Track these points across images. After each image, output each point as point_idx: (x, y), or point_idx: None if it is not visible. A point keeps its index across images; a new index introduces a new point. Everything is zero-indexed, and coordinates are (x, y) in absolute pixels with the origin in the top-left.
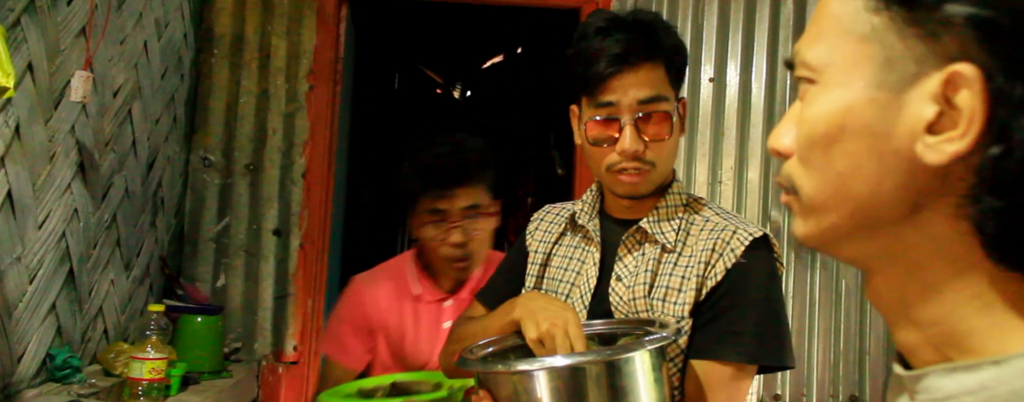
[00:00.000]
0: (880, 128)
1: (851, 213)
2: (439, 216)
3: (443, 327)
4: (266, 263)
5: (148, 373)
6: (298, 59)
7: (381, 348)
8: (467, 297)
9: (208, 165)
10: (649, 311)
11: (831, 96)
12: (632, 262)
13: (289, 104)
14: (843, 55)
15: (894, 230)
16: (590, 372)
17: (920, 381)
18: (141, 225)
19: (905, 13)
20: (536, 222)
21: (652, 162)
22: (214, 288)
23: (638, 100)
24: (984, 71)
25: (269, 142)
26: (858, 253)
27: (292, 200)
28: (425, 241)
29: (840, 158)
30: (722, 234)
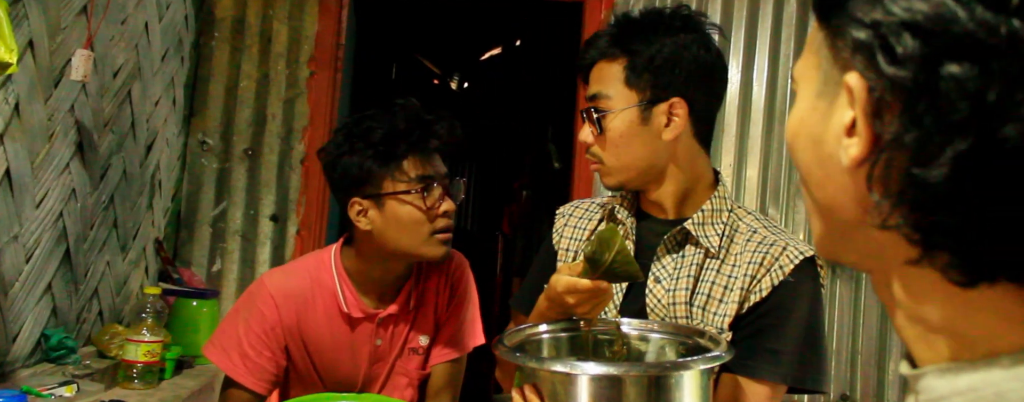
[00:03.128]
0: (818, 135)
1: (820, 218)
2: (429, 182)
3: (376, 344)
4: (262, 249)
5: (143, 356)
6: (299, 44)
7: (301, 366)
8: (401, 311)
9: (206, 149)
10: (688, 318)
11: (796, 107)
12: (671, 264)
13: (289, 89)
14: (805, 68)
15: (859, 235)
16: (642, 382)
17: (919, 381)
18: (138, 207)
19: (828, 27)
20: (563, 218)
21: (597, 157)
22: (210, 272)
23: (587, 96)
24: (868, 82)
25: (268, 127)
26: (851, 258)
27: (290, 186)
28: (405, 224)
29: (802, 165)
30: (772, 249)
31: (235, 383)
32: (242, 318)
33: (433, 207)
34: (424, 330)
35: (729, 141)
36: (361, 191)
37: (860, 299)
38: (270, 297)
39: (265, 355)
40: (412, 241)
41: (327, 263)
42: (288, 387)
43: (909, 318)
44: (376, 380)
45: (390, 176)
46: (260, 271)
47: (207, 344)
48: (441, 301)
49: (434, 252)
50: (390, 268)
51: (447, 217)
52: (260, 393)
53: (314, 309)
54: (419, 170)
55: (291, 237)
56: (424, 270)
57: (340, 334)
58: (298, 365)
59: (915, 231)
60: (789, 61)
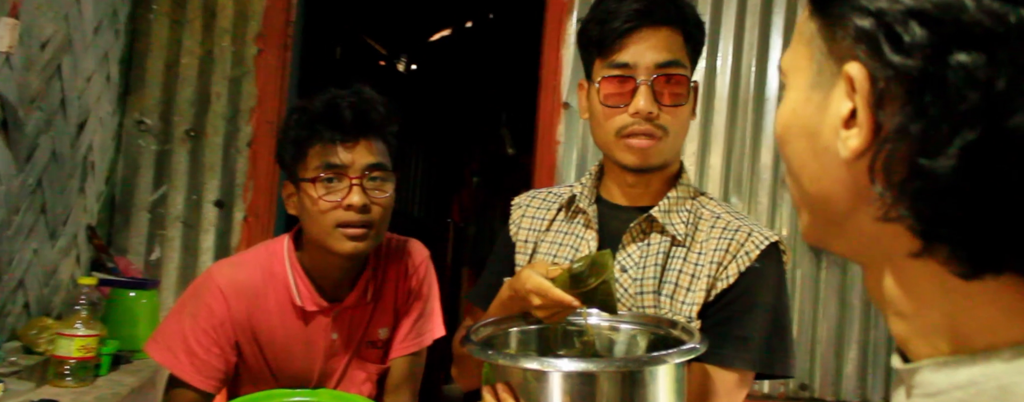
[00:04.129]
0: (813, 127)
1: (812, 210)
2: (334, 172)
3: (332, 338)
4: (206, 236)
5: (77, 351)
6: (246, 20)
7: (252, 363)
8: (358, 303)
9: (144, 129)
10: (656, 307)
11: (786, 99)
12: (637, 252)
13: (235, 68)
14: (796, 59)
15: (852, 226)
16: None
17: (914, 375)
18: (69, 191)
19: (824, 18)
20: (520, 209)
21: (665, 128)
22: (147, 261)
23: (656, 63)
24: (870, 72)
25: (212, 107)
26: (842, 249)
27: (236, 170)
28: (312, 214)
29: (793, 157)
30: (737, 235)
31: (181, 382)
32: (188, 313)
33: (334, 199)
34: (383, 323)
35: (693, 129)
36: (289, 175)
37: (819, 289)
38: (219, 290)
39: (214, 352)
40: (318, 232)
41: (279, 254)
42: (238, 384)
43: (903, 311)
44: (332, 375)
45: (301, 162)
46: (203, 260)
47: (150, 341)
48: (401, 293)
49: (339, 246)
50: (328, 261)
51: (353, 211)
52: (208, 392)
53: (266, 303)
54: (323, 158)
55: (237, 224)
56: (382, 261)
57: (294, 328)
58: (249, 361)
59: (919, 222)
60: (753, 49)
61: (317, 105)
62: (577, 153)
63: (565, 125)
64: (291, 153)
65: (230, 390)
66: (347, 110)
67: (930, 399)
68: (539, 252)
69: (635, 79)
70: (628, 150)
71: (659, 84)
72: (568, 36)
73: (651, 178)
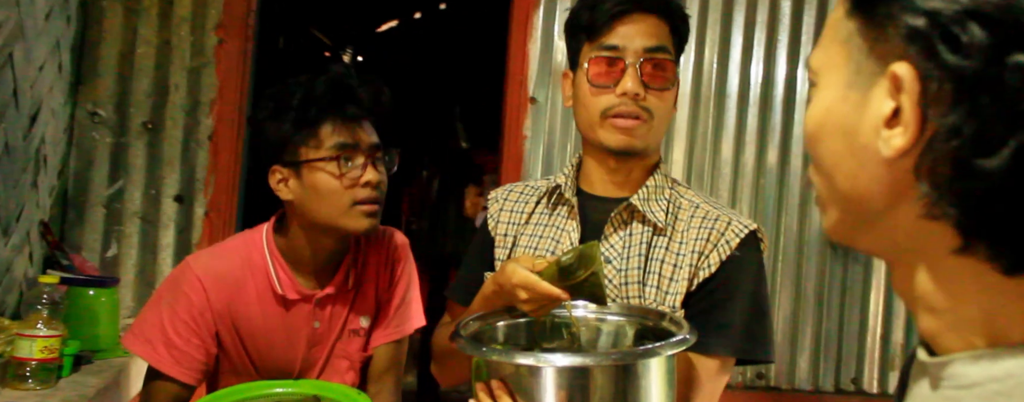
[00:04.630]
0: (851, 125)
1: (844, 208)
2: (350, 151)
3: (314, 327)
4: (165, 232)
5: (39, 352)
6: (206, 9)
7: (233, 354)
8: (341, 290)
9: (98, 121)
10: (640, 297)
11: (819, 97)
12: (620, 243)
13: (195, 58)
14: (830, 58)
15: (886, 223)
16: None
17: (945, 368)
18: (21, 186)
19: (866, 18)
20: (498, 203)
21: (650, 111)
22: (103, 258)
23: (645, 47)
24: (919, 72)
25: (171, 99)
26: (870, 246)
27: (197, 164)
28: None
29: (826, 155)
30: (717, 224)
31: (161, 374)
32: (166, 304)
33: (352, 176)
34: (364, 311)
35: None
36: (281, 159)
37: (775, 280)
38: (197, 280)
39: (193, 343)
40: (331, 212)
41: (258, 243)
42: (218, 377)
43: (936, 306)
44: (314, 365)
45: (307, 143)
46: (163, 257)
47: (127, 334)
48: (382, 281)
49: (356, 224)
50: (321, 244)
51: (370, 188)
52: (189, 383)
53: (246, 292)
54: (337, 137)
55: (198, 219)
56: (362, 248)
57: (275, 318)
58: (230, 352)
59: (964, 220)
60: (715, 45)
61: (325, 84)
62: (543, 147)
63: (532, 119)
64: (298, 133)
65: (209, 384)
66: (362, 88)
67: (963, 391)
68: (519, 245)
69: (624, 60)
70: (613, 130)
71: (647, 67)
72: (535, 30)
73: (632, 166)
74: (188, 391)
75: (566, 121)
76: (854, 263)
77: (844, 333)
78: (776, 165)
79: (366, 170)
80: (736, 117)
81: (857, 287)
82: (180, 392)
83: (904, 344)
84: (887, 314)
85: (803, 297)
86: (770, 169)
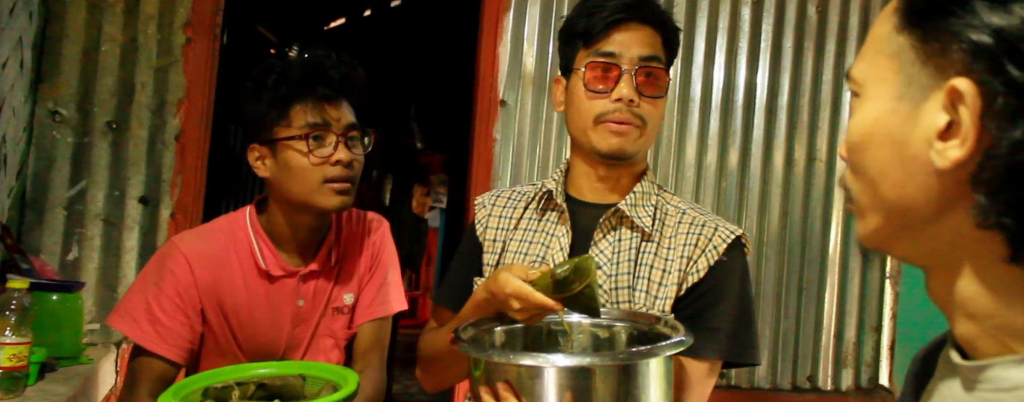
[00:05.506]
0: (900, 136)
1: (887, 216)
2: (322, 129)
3: (298, 305)
4: (129, 234)
5: (7, 360)
6: (173, 7)
7: (218, 332)
8: (324, 267)
9: (59, 120)
10: (631, 302)
11: (865, 108)
12: (609, 248)
13: (162, 57)
14: (876, 71)
15: (930, 231)
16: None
17: (983, 371)
18: None
19: (922, 33)
20: (485, 209)
21: (643, 119)
22: (63, 261)
23: (640, 56)
24: (981, 87)
25: (137, 98)
26: (909, 253)
27: (163, 165)
28: (296, 171)
29: (871, 164)
30: (704, 230)
31: (146, 352)
32: (151, 282)
33: (322, 154)
34: (348, 288)
35: None
36: (258, 137)
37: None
38: (183, 257)
39: (179, 319)
40: (303, 189)
41: (242, 222)
42: (201, 358)
43: (977, 312)
44: (299, 344)
45: (279, 122)
46: (127, 259)
47: (112, 314)
48: (364, 260)
49: (327, 201)
50: (299, 221)
51: (341, 166)
52: (175, 361)
53: (230, 270)
54: (308, 117)
55: (164, 221)
56: (342, 226)
57: (259, 295)
58: (215, 331)
59: (1020, 230)
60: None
61: (299, 64)
62: (513, 150)
63: (502, 122)
64: (272, 112)
65: (192, 366)
66: (334, 69)
67: (1004, 394)
68: (508, 250)
69: (619, 67)
70: (606, 133)
71: (641, 76)
72: (504, 33)
73: (621, 173)
74: (174, 369)
75: (536, 124)
76: (809, 264)
77: (800, 332)
78: (737, 168)
79: (337, 149)
80: (699, 121)
81: (813, 287)
82: (166, 369)
83: (857, 342)
84: (841, 313)
85: (762, 297)
86: (731, 171)
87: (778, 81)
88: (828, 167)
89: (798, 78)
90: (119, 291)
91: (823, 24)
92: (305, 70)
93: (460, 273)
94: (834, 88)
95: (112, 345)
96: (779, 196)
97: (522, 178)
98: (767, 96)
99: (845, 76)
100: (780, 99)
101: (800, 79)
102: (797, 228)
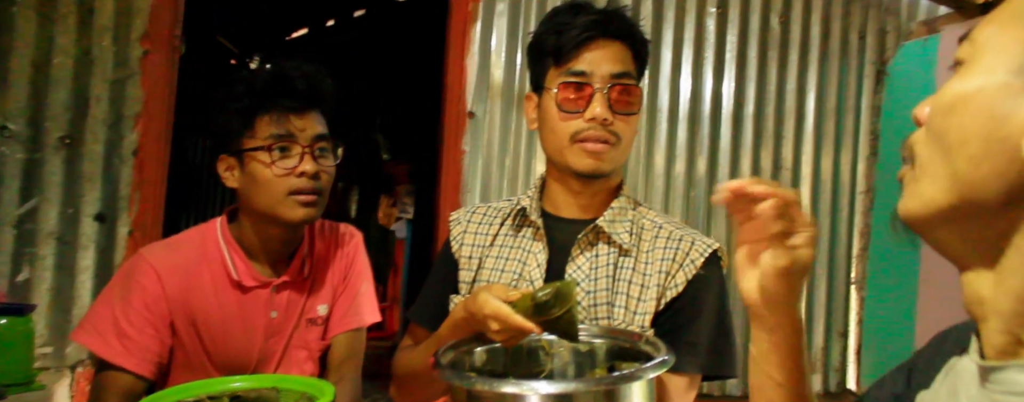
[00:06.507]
0: (1001, 112)
1: (949, 189)
2: (287, 140)
3: (271, 316)
4: (85, 253)
5: None
6: (130, 18)
7: (188, 346)
8: (297, 278)
9: (7, 135)
10: (609, 318)
11: (973, 74)
12: (587, 264)
13: (118, 69)
14: (1002, 39)
15: (987, 221)
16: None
17: (997, 372)
18: None
19: None
20: (461, 225)
21: (618, 135)
22: (13, 283)
23: (611, 73)
24: None
25: (92, 112)
26: (950, 239)
27: (120, 181)
28: (262, 182)
29: (955, 131)
30: (681, 244)
31: (113, 366)
32: (118, 295)
33: (286, 166)
34: (322, 299)
35: None
36: (226, 148)
37: None
38: (152, 268)
39: (148, 333)
40: (268, 200)
41: (212, 233)
42: (170, 373)
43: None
44: (272, 357)
45: (244, 133)
46: (82, 280)
47: (77, 329)
48: (337, 271)
49: (292, 214)
50: (269, 233)
51: (306, 178)
52: (143, 375)
53: (201, 282)
54: (272, 128)
55: (122, 239)
56: (315, 237)
57: (231, 307)
58: (185, 344)
59: None
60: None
61: (266, 76)
62: (482, 162)
63: (470, 134)
64: (238, 122)
65: (161, 380)
66: (300, 80)
67: (1014, 398)
68: (485, 267)
69: (591, 86)
70: (582, 154)
71: (614, 93)
72: (472, 44)
73: (597, 189)
74: (142, 383)
75: (505, 136)
76: None
77: None
78: (705, 177)
79: (303, 160)
80: (667, 131)
81: None
82: (134, 384)
83: (824, 347)
84: (809, 320)
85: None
86: (700, 180)
87: (743, 91)
88: (793, 175)
89: (763, 88)
90: (74, 313)
91: (786, 34)
92: (271, 81)
93: (435, 290)
94: (797, 97)
95: (66, 369)
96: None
97: (492, 190)
98: (733, 106)
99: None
100: (746, 108)
101: (765, 89)
102: None
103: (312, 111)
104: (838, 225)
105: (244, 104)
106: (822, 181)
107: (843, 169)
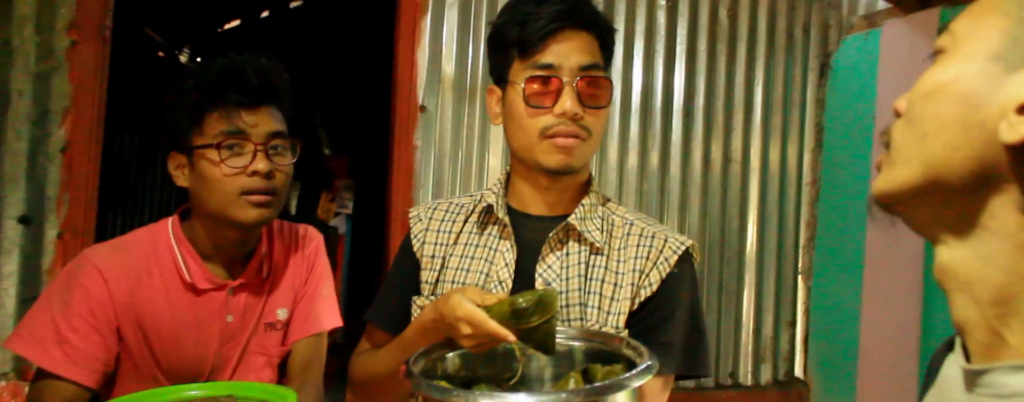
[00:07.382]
0: (977, 98)
1: (925, 172)
2: (238, 138)
3: (227, 320)
4: (8, 258)
5: None
6: (54, 7)
7: (136, 353)
8: (254, 281)
9: None
10: (582, 320)
11: (951, 61)
12: (557, 263)
13: (42, 62)
14: (980, 27)
15: (963, 202)
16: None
17: (983, 376)
18: None
19: None
20: (422, 223)
21: (588, 130)
22: None
23: (580, 65)
24: None
25: (13, 108)
26: (926, 219)
27: (47, 181)
28: (211, 182)
29: (931, 117)
30: (654, 242)
31: (53, 376)
32: (59, 299)
33: (237, 165)
34: (281, 303)
35: None
36: (177, 145)
37: None
38: (96, 270)
39: (92, 339)
40: (219, 201)
41: (163, 233)
42: (116, 383)
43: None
44: (227, 363)
45: (195, 131)
46: (5, 286)
47: (12, 336)
48: (298, 273)
49: (243, 215)
50: (222, 234)
51: (259, 177)
52: (87, 385)
53: (151, 285)
54: (221, 125)
55: (50, 242)
56: (273, 239)
57: (184, 311)
58: (133, 352)
59: None
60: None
61: (215, 69)
62: (435, 157)
63: (422, 129)
64: (186, 119)
65: (106, 390)
66: (252, 74)
67: (1002, 401)
68: (449, 267)
69: (560, 79)
70: (553, 150)
71: (582, 86)
72: (422, 37)
73: (565, 184)
74: (85, 393)
75: (457, 130)
76: (728, 263)
77: (721, 330)
78: (657, 169)
79: (255, 159)
80: (620, 124)
81: (732, 285)
82: (76, 393)
83: (773, 337)
84: (758, 310)
85: None
86: (652, 173)
87: (694, 84)
88: (742, 168)
89: (713, 81)
90: None
91: (734, 27)
92: (221, 75)
93: (395, 292)
94: (746, 90)
95: None
96: (698, 197)
97: (445, 185)
98: (684, 99)
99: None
100: (697, 101)
101: (714, 82)
102: (716, 228)
103: (266, 107)
104: (785, 216)
105: (192, 99)
106: (770, 173)
107: (790, 161)
